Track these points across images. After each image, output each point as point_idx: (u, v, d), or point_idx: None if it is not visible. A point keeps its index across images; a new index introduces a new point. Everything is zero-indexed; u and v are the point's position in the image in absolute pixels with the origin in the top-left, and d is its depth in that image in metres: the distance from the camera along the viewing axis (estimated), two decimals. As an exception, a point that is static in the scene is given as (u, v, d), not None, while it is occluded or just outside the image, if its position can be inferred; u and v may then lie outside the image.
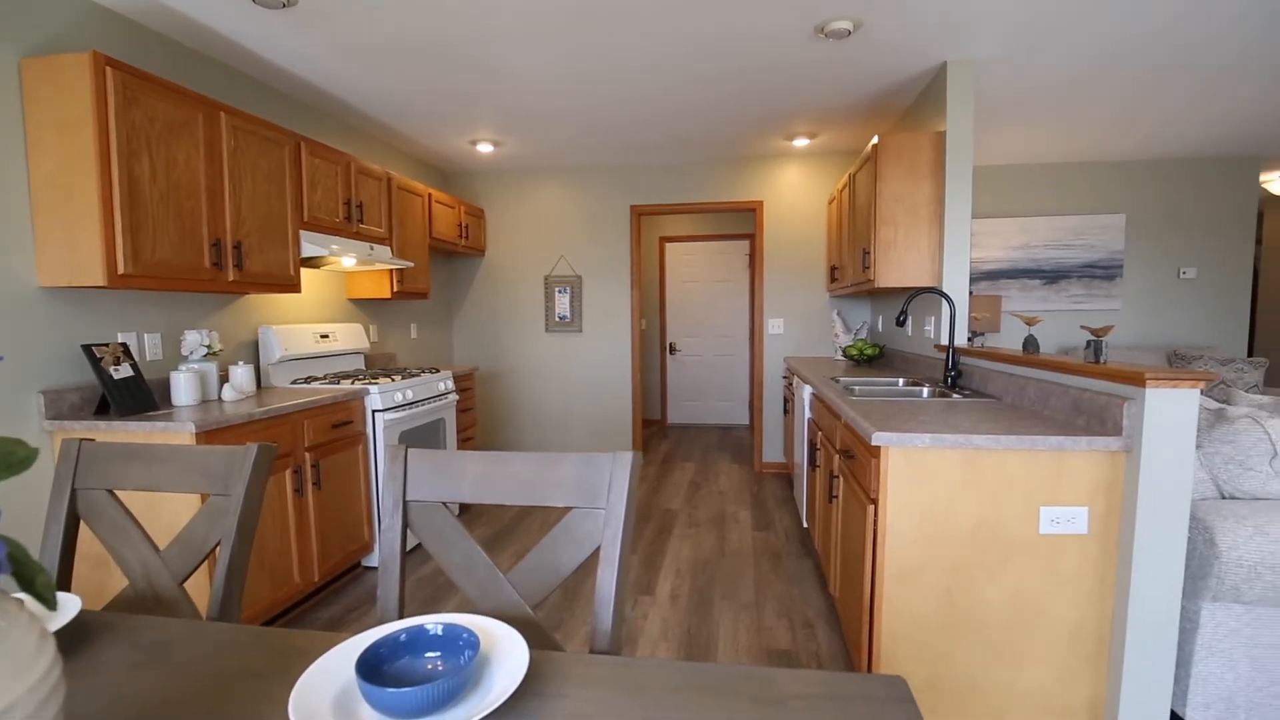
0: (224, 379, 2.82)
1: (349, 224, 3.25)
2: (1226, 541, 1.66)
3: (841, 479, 2.28)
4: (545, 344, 5.15)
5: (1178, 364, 4.69)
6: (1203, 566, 1.70)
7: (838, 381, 2.97)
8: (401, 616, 1.06)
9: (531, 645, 0.99)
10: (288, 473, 2.49)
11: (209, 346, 2.58)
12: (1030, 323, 2.52)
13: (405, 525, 1.06)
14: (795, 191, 4.77)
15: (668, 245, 6.69)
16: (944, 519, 1.74)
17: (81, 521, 1.18)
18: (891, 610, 1.79)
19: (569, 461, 1.00)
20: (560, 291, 5.05)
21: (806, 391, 3.24)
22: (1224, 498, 1.89)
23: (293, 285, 2.87)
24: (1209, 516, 1.72)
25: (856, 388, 2.90)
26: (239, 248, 2.54)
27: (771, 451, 4.98)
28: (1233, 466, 1.87)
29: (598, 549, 0.98)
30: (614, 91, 3.34)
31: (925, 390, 2.73)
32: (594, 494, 0.98)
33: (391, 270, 3.72)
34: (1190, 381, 1.55)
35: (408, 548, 3.25)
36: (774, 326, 4.89)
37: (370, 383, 3.02)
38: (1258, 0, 2.40)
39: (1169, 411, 1.57)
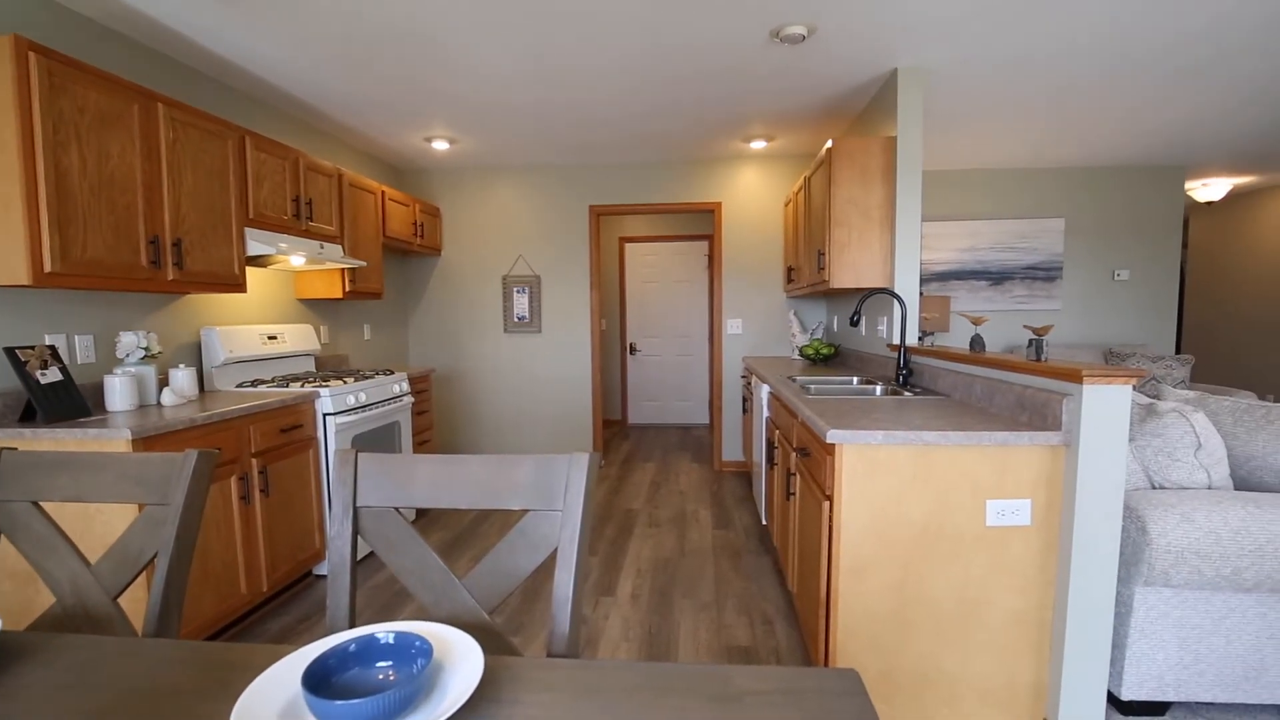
0: (163, 383, 2.70)
1: (298, 221, 3.14)
2: (1157, 529, 1.75)
3: (798, 476, 2.32)
4: (504, 345, 5.08)
5: (1113, 361, 4.94)
6: (1136, 553, 1.79)
7: (794, 380, 3.02)
8: (353, 626, 1.03)
9: (488, 650, 0.97)
10: (233, 480, 2.40)
11: (147, 349, 2.46)
12: (977, 322, 2.61)
13: (355, 532, 1.03)
14: (753, 193, 4.84)
15: (627, 245, 6.69)
16: (896, 514, 1.79)
17: (3, 536, 1.11)
18: (846, 604, 1.82)
19: (525, 463, 0.99)
20: (519, 292, 4.99)
21: (764, 390, 3.29)
22: (1154, 487, 1.99)
23: (237, 285, 2.76)
24: (1141, 506, 1.81)
25: (812, 386, 2.96)
26: (179, 245, 2.43)
27: (731, 450, 5.03)
28: (1162, 458, 1.98)
29: (555, 551, 0.97)
30: (572, 91, 3.32)
31: (878, 388, 2.80)
32: (551, 496, 0.97)
33: (343, 269, 3.61)
34: (1123, 378, 1.63)
35: (360, 555, 3.17)
36: (733, 326, 4.94)
37: (321, 385, 2.93)
38: (1185, 23, 2.54)
39: (1104, 407, 1.65)
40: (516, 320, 5.01)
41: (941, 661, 1.82)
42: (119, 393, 2.30)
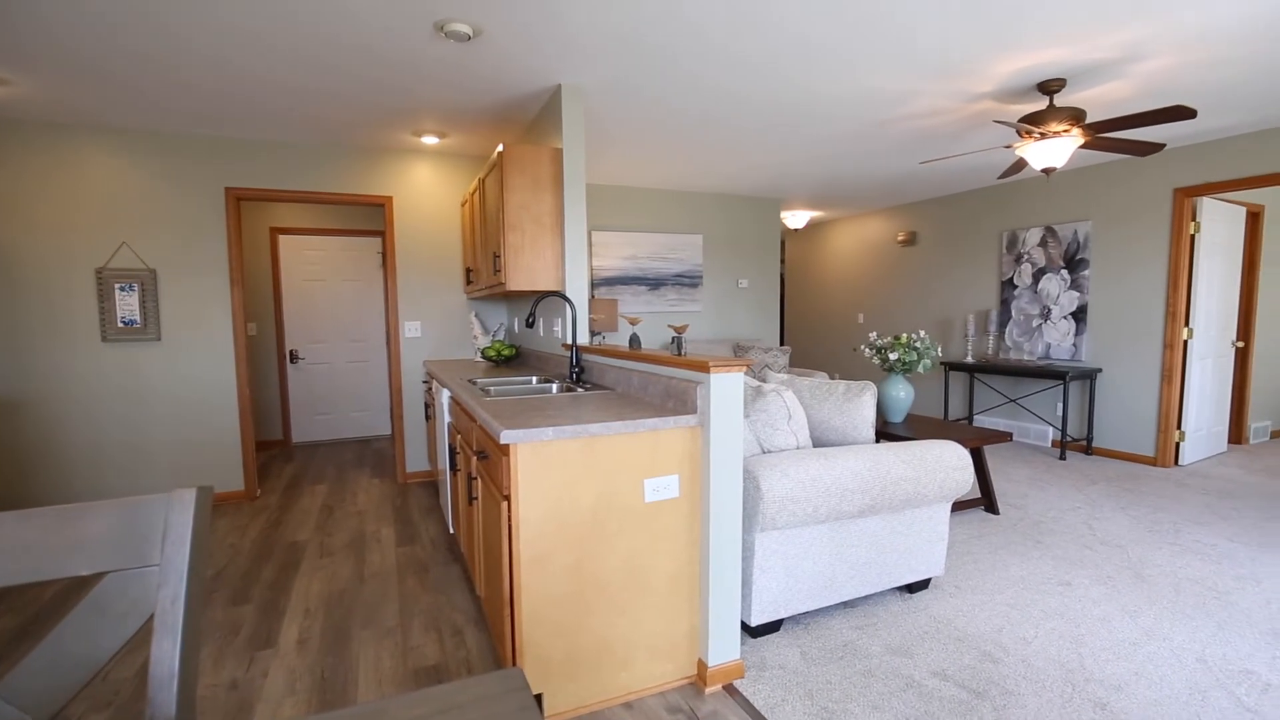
0: None
1: None
2: (766, 485, 2.19)
3: (479, 480, 2.30)
4: (103, 357, 3.94)
5: (740, 353, 6.07)
6: (754, 506, 2.21)
7: (475, 383, 2.99)
8: None
9: (48, 771, 0.72)
10: None
11: None
12: (634, 322, 2.93)
13: None
14: (428, 190, 4.65)
15: (282, 238, 5.82)
16: (569, 503, 1.89)
17: None
18: (529, 596, 1.87)
19: (100, 513, 0.76)
20: (123, 289, 3.92)
21: (445, 395, 3.18)
22: (764, 452, 2.49)
23: None
24: (756, 468, 2.24)
25: (492, 388, 2.97)
26: None
27: (416, 460, 4.76)
28: (767, 429, 2.49)
29: (152, 617, 0.77)
30: (198, 43, 2.73)
31: (555, 386, 2.95)
32: (140, 549, 0.76)
33: None
34: (738, 367, 2.00)
35: None
36: (411, 329, 4.68)
37: None
38: (776, 89, 3.24)
39: (725, 391, 2.00)
40: (122, 325, 3.93)
41: (617, 630, 2.00)
42: None
